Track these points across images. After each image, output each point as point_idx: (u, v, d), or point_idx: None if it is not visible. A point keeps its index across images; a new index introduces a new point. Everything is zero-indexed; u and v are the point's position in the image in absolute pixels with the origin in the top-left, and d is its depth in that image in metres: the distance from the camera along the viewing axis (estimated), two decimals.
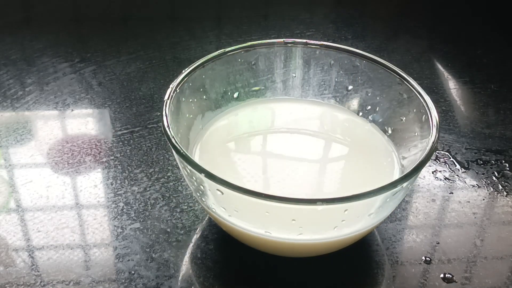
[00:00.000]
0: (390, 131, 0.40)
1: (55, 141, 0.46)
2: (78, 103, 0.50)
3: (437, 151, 0.46)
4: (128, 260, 0.36)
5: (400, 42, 0.62)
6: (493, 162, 0.45)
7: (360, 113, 0.41)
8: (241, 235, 0.34)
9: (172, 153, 0.43)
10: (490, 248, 0.38)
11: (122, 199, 0.40)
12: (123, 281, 0.35)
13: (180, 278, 0.36)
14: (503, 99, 0.53)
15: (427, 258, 0.37)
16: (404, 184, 0.31)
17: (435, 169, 0.44)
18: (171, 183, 0.42)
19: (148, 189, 0.41)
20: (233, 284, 0.36)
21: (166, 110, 0.34)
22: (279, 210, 0.30)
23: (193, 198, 0.41)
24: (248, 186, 0.29)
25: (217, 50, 0.39)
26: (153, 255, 0.37)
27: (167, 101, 0.35)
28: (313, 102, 0.43)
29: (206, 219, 0.39)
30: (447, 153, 0.46)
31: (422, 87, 0.37)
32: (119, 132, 0.47)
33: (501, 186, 0.43)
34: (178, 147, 0.32)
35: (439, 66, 0.57)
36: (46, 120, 0.48)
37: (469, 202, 0.42)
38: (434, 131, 0.34)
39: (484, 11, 0.68)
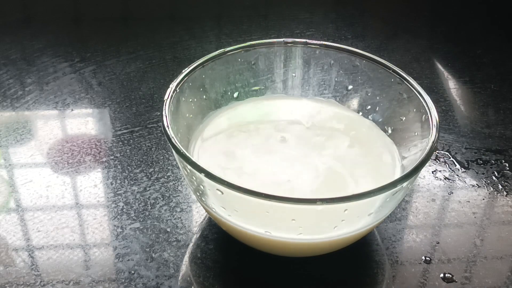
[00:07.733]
0: (390, 131, 0.40)
1: (55, 141, 0.46)
2: (78, 103, 0.50)
3: (437, 151, 0.46)
4: (128, 260, 0.36)
5: (400, 42, 0.62)
6: (493, 162, 0.45)
7: (360, 113, 0.41)
8: (241, 235, 0.34)
9: (172, 153, 0.43)
10: (490, 248, 0.38)
11: (122, 199, 0.40)
12: (123, 280, 0.35)
13: (180, 278, 0.36)
14: (503, 99, 0.53)
15: (427, 258, 0.37)
16: (404, 184, 0.31)
17: (435, 169, 0.44)
18: (171, 183, 0.42)
19: (148, 189, 0.41)
20: (233, 284, 0.36)
21: (166, 110, 0.34)
22: (279, 210, 0.30)
23: (193, 198, 0.41)
24: (248, 185, 0.29)
25: (217, 49, 0.39)
26: (153, 255, 0.37)
27: (167, 101, 0.35)
28: (313, 101, 0.43)
29: (206, 219, 0.39)
30: (447, 153, 0.46)
31: (422, 86, 0.37)
32: (119, 132, 0.47)
33: (501, 186, 0.43)
34: (178, 147, 0.32)
35: (439, 66, 0.57)
36: (46, 120, 0.48)
37: (469, 202, 0.42)
38: (434, 131, 0.34)
39: (484, 11, 0.68)
